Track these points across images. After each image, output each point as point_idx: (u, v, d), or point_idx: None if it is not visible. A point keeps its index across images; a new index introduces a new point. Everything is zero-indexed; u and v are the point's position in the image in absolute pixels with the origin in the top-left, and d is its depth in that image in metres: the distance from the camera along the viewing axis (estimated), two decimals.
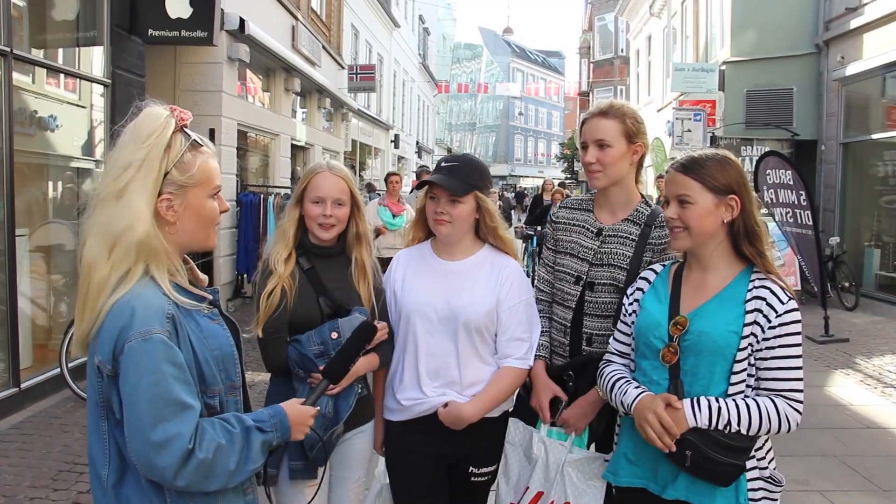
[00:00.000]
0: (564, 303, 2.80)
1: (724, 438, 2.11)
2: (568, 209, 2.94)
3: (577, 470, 2.60)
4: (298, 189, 2.70)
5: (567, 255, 2.82)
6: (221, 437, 1.69)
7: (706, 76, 15.31)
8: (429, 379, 2.63)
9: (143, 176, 1.71)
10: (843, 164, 13.39)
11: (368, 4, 24.37)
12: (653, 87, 23.19)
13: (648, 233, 2.69)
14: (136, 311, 1.64)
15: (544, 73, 73.81)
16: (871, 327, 10.15)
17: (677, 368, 2.22)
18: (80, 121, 7.75)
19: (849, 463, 5.09)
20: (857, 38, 12.61)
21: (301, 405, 1.94)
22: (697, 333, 2.19)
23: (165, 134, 1.74)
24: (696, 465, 2.12)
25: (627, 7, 26.24)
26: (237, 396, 1.87)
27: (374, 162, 27.52)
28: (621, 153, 2.69)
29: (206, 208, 1.83)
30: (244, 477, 1.75)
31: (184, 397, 1.64)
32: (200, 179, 1.79)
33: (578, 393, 2.70)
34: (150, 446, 1.61)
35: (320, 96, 16.56)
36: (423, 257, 2.76)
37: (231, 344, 1.86)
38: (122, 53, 7.87)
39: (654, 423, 2.15)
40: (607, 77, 33.35)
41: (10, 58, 6.10)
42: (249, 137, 12.71)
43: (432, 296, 2.64)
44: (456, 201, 2.57)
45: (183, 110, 1.82)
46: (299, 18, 14.26)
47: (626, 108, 2.75)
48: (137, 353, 1.62)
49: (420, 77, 37.14)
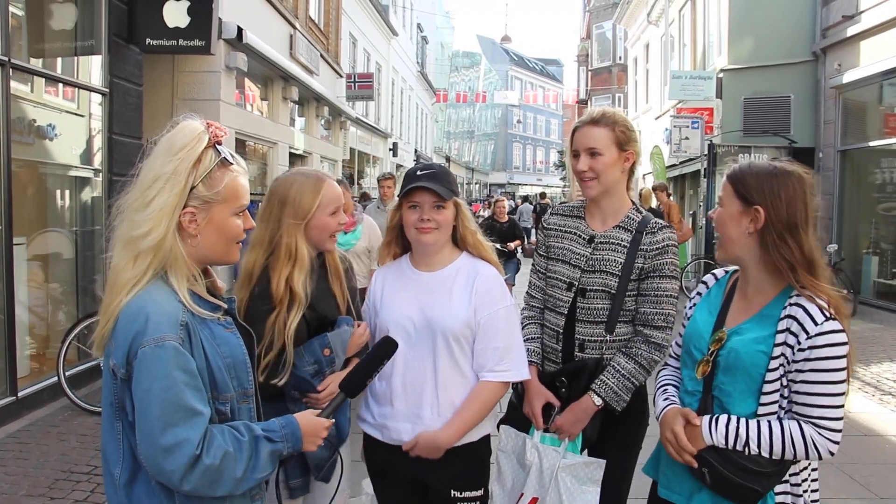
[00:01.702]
0: (556, 309, 2.81)
1: (742, 461, 2.07)
2: (559, 216, 2.95)
3: (571, 475, 2.61)
4: (307, 208, 2.59)
5: (559, 261, 2.83)
6: (229, 445, 1.72)
7: (704, 84, 15.33)
8: (403, 393, 2.55)
9: (169, 188, 1.75)
10: (840, 172, 13.41)
11: (366, 13, 24.45)
12: (651, 95, 23.25)
13: (640, 239, 2.70)
14: (151, 316, 1.68)
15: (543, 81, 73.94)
16: (870, 335, 10.14)
17: (710, 383, 2.21)
18: (79, 130, 7.76)
19: (846, 470, 5.08)
20: (854, 45, 12.65)
21: (315, 417, 1.95)
22: (728, 350, 2.16)
23: (197, 148, 1.78)
24: (715, 484, 2.12)
25: (625, 15, 26.33)
26: (250, 404, 1.89)
27: (373, 170, 27.54)
28: (613, 161, 2.71)
29: (229, 225, 1.85)
30: (251, 485, 1.78)
31: (193, 403, 1.68)
32: (226, 196, 1.82)
33: (571, 399, 2.70)
34: (159, 450, 1.64)
35: (318, 105, 16.59)
36: (402, 270, 2.70)
37: (244, 352, 1.88)
38: (120, 62, 7.89)
39: (672, 439, 2.18)
40: (605, 85, 33.43)
41: (8, 67, 6.11)
42: (248, 146, 12.72)
43: (409, 308, 2.58)
44: (441, 207, 2.54)
45: (220, 126, 1.84)
46: (297, 27, 14.30)
47: (616, 115, 2.76)
48: (150, 359, 1.66)
49: (418, 85, 37.22)
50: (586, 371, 2.68)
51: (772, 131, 14.33)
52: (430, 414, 2.52)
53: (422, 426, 2.51)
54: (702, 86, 15.33)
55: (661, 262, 2.68)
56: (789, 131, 14.28)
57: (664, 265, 2.69)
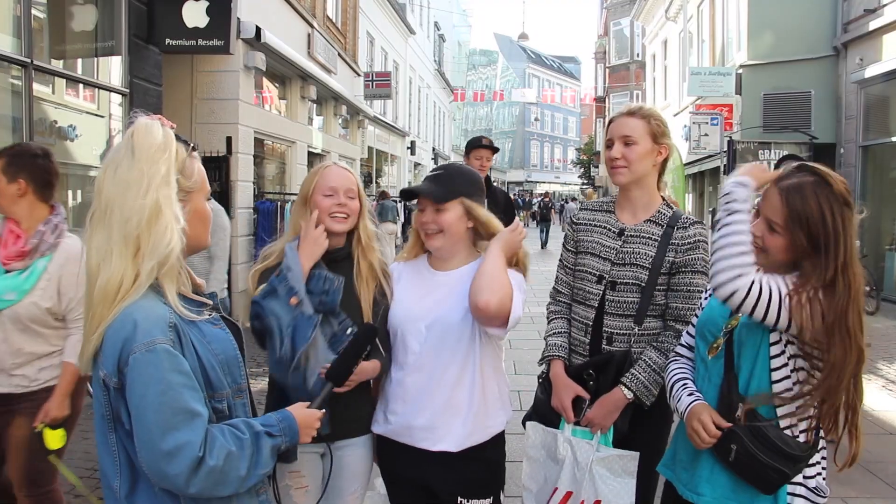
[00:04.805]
0: (586, 301, 2.81)
1: (775, 440, 2.07)
2: (589, 211, 2.97)
3: (605, 468, 2.60)
4: (307, 187, 2.66)
5: (588, 254, 2.84)
6: (232, 444, 1.70)
7: (723, 80, 15.22)
8: (415, 392, 2.52)
9: (170, 190, 1.73)
10: (862, 168, 13.28)
11: (384, 12, 24.48)
12: (669, 92, 23.11)
13: (671, 234, 2.71)
14: (139, 322, 1.65)
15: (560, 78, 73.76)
16: (893, 332, 10.03)
17: (731, 363, 2.21)
18: (99, 130, 7.84)
19: (871, 469, 5.02)
20: (876, 39, 12.50)
21: (307, 408, 1.96)
22: (741, 326, 2.17)
23: (173, 144, 1.77)
24: (739, 461, 2.10)
25: (643, 11, 26.19)
26: (244, 399, 1.88)
27: (391, 169, 27.59)
28: (646, 151, 2.73)
29: (206, 210, 1.90)
30: (255, 482, 1.77)
31: (192, 405, 1.66)
32: (201, 183, 1.87)
33: (600, 391, 2.70)
34: (161, 455, 1.62)
35: (336, 103, 16.63)
36: (418, 269, 2.68)
37: (235, 347, 1.87)
38: (139, 63, 7.96)
39: (698, 427, 2.17)
40: (623, 82, 33.31)
41: (30, 69, 6.19)
42: (266, 145, 12.78)
43: (422, 308, 2.56)
44: (441, 209, 2.51)
45: (162, 117, 1.83)
46: (315, 26, 14.34)
47: (653, 110, 2.82)
48: (143, 365, 1.63)
49: (436, 83, 37.22)
50: (614, 364, 2.68)
51: (792, 127, 14.20)
52: (440, 412, 2.50)
53: (432, 426, 2.49)
54: (721, 82, 15.22)
55: (692, 258, 2.68)
56: (810, 127, 14.14)
57: (696, 260, 2.69)
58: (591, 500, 2.57)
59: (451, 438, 2.49)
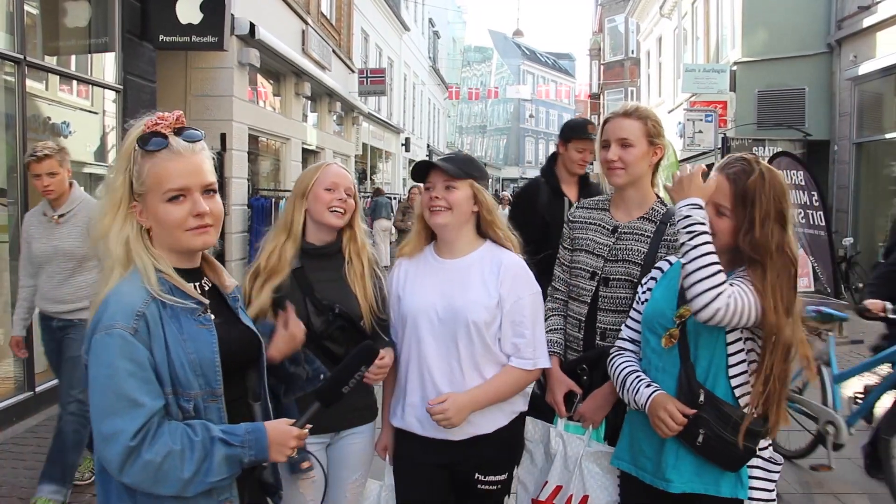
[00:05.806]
0: (579, 298, 2.85)
1: (738, 420, 2.16)
2: (584, 209, 3.00)
3: (594, 463, 2.63)
4: (307, 181, 2.71)
5: (583, 251, 2.87)
6: (177, 444, 1.67)
7: (717, 77, 15.27)
8: (433, 383, 2.55)
9: (116, 196, 1.81)
10: (856, 164, 13.32)
11: (378, 8, 24.44)
12: (663, 89, 23.13)
13: (664, 230, 2.74)
14: (110, 306, 1.71)
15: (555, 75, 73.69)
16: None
17: (686, 354, 2.27)
18: (93, 127, 7.82)
19: (862, 465, 5.03)
20: (870, 36, 12.54)
21: (288, 426, 1.86)
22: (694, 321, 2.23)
23: (129, 147, 1.81)
24: (708, 444, 2.19)
25: (638, 8, 26.20)
26: (219, 404, 1.82)
27: (386, 165, 27.58)
28: (642, 153, 2.75)
29: (161, 212, 1.78)
30: (202, 488, 1.71)
31: (134, 394, 1.65)
32: (151, 185, 1.78)
33: (593, 386, 2.74)
34: (100, 438, 1.66)
35: (331, 100, 16.61)
36: (425, 258, 2.71)
37: (213, 351, 1.81)
38: (133, 59, 7.93)
39: (665, 417, 2.22)
40: (618, 79, 33.29)
41: (23, 65, 6.16)
42: (260, 142, 12.76)
43: (433, 296, 2.58)
44: (451, 187, 2.54)
45: (163, 115, 1.84)
46: (309, 23, 14.31)
47: (649, 110, 2.84)
48: (99, 346, 1.67)
49: (430, 80, 37.20)
50: (606, 358, 2.69)
51: (786, 124, 14.25)
52: None
53: None
54: (715, 79, 15.27)
55: None
56: (804, 124, 14.19)
57: None
58: (579, 495, 2.58)
59: (472, 427, 2.54)
